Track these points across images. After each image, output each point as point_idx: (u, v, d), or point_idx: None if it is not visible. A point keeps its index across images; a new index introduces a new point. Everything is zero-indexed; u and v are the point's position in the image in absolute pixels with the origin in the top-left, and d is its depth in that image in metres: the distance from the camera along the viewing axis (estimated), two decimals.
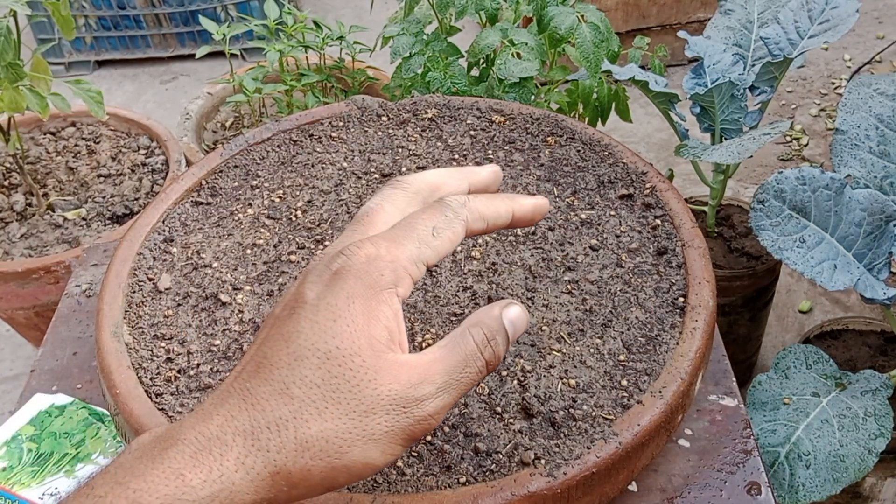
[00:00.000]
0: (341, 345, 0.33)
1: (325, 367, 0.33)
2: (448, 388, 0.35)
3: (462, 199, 0.39)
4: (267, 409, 0.33)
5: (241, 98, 1.39)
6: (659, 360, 0.52)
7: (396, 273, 0.35)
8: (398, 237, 0.36)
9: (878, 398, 0.96)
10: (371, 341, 0.34)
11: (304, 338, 0.34)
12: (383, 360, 0.34)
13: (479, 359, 0.36)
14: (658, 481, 0.54)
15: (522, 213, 0.42)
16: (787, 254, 0.95)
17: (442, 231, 0.37)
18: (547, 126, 0.72)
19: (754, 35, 1.15)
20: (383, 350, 0.34)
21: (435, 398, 0.35)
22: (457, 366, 0.36)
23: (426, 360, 0.35)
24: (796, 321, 1.60)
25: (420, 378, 0.34)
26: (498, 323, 0.38)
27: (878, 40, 2.29)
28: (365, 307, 0.34)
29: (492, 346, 0.37)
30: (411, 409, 0.34)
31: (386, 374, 0.34)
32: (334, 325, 0.34)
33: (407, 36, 1.08)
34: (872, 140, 1.01)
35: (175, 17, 2.33)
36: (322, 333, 0.34)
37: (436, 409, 0.35)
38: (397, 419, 0.34)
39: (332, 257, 0.36)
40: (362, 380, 0.33)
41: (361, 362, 0.33)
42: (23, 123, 1.54)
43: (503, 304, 0.39)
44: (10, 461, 0.62)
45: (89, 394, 0.67)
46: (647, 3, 2.09)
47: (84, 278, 0.77)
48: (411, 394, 0.34)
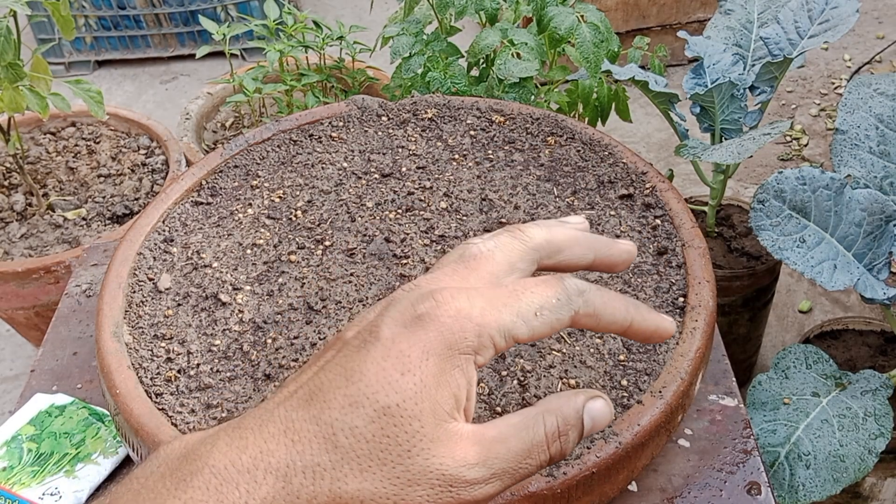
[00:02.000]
0: (403, 403, 0.30)
1: (380, 422, 0.30)
2: (502, 476, 0.32)
3: (583, 286, 0.35)
4: (307, 452, 0.30)
5: (241, 98, 1.39)
6: (659, 359, 0.52)
7: (482, 339, 0.32)
8: (498, 301, 0.33)
9: (878, 398, 0.96)
10: (435, 407, 0.31)
11: (366, 383, 0.31)
12: (442, 430, 0.31)
13: (543, 452, 0.33)
14: (658, 481, 0.54)
15: (641, 329, 0.37)
16: (787, 254, 0.95)
17: (547, 314, 0.33)
18: (547, 126, 0.72)
19: (754, 35, 1.15)
20: (445, 418, 0.31)
21: (486, 484, 0.32)
22: (519, 454, 0.32)
23: (489, 437, 0.32)
24: (796, 321, 1.60)
25: (476, 459, 0.31)
26: (576, 416, 0.34)
27: (878, 40, 2.29)
28: (439, 368, 0.31)
29: (561, 442, 0.34)
30: (458, 489, 0.31)
31: (442, 447, 0.31)
32: (401, 379, 0.31)
33: (407, 36, 1.08)
34: (872, 140, 1.01)
35: (175, 17, 2.33)
36: (386, 384, 0.31)
37: (483, 495, 0.32)
38: (440, 495, 0.31)
39: (421, 297, 0.33)
40: (415, 446, 0.30)
41: (419, 427, 0.31)
42: (23, 123, 1.54)
43: (589, 394, 0.35)
44: (10, 461, 0.62)
45: (89, 394, 0.67)
46: (647, 3, 2.09)
47: (84, 278, 0.77)
48: (463, 474, 0.31)
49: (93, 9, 2.29)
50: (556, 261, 0.37)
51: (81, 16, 2.30)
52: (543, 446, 0.33)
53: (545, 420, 0.33)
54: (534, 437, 0.33)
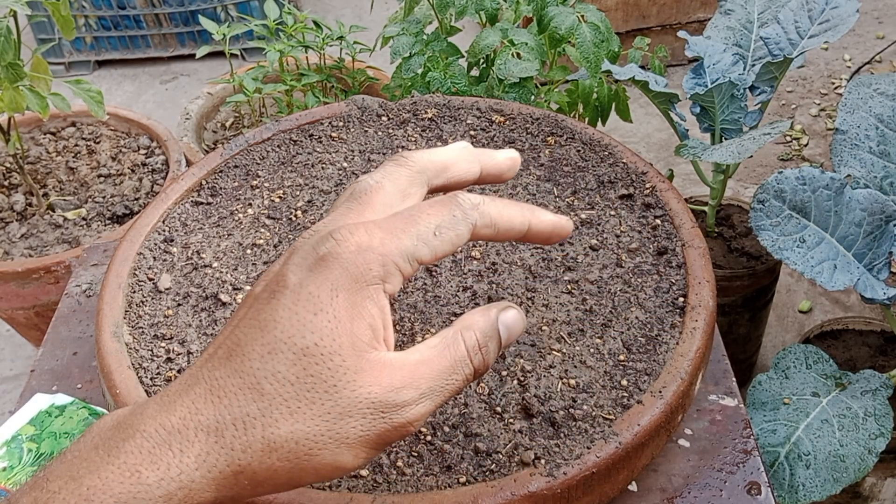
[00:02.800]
0: (320, 341, 0.31)
1: (301, 363, 0.31)
2: (431, 395, 0.33)
3: (476, 199, 0.36)
4: (234, 405, 0.31)
5: (241, 98, 1.39)
6: (659, 359, 0.52)
7: (386, 268, 0.33)
8: (396, 228, 0.33)
9: (878, 398, 0.96)
10: (353, 339, 0.32)
11: (281, 329, 0.31)
12: (364, 361, 0.32)
13: (467, 366, 0.34)
14: (658, 481, 0.54)
15: (539, 229, 0.38)
16: (787, 254, 0.95)
17: (445, 232, 0.34)
18: (547, 126, 0.72)
19: (754, 35, 1.15)
20: (365, 349, 0.32)
21: (416, 404, 0.33)
22: (444, 371, 0.34)
23: (412, 360, 0.33)
24: (796, 321, 1.60)
25: (403, 382, 0.32)
26: (492, 327, 0.36)
27: (878, 40, 2.29)
28: (349, 302, 0.32)
29: (482, 354, 0.35)
30: (390, 414, 0.32)
31: (366, 376, 0.32)
32: (314, 319, 0.31)
33: (407, 36, 1.08)
34: (872, 140, 1.01)
35: (175, 17, 2.33)
36: (301, 327, 0.31)
37: (416, 415, 0.33)
38: (374, 423, 0.32)
39: (321, 239, 0.33)
40: (340, 380, 0.31)
41: (341, 362, 0.31)
42: (23, 123, 1.54)
43: (500, 305, 0.37)
44: (10, 461, 0.62)
45: (89, 394, 0.67)
46: (647, 3, 2.09)
47: (84, 278, 0.77)
48: (392, 398, 0.32)
49: (93, 9, 2.29)
50: (445, 179, 0.38)
51: (81, 16, 2.30)
52: (466, 360, 0.34)
53: (464, 336, 0.35)
54: (455, 353, 0.34)
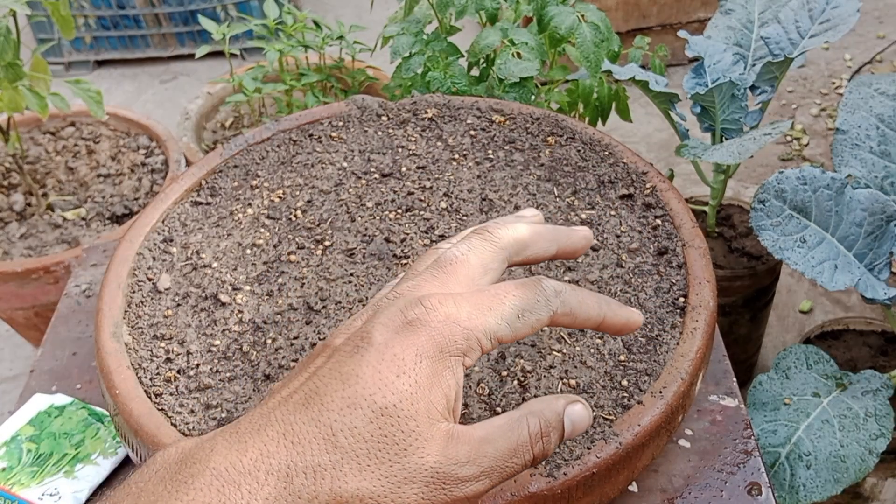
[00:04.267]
0: (399, 403, 0.32)
1: (378, 422, 0.32)
2: (490, 474, 0.34)
3: (560, 287, 0.37)
4: (307, 453, 0.31)
5: (240, 98, 1.39)
6: (659, 360, 0.52)
7: (469, 342, 0.34)
8: (483, 305, 0.35)
9: (878, 398, 0.96)
10: (429, 407, 0.33)
11: (363, 385, 0.32)
12: (436, 430, 0.33)
13: (528, 452, 0.35)
14: (658, 482, 0.54)
15: (612, 322, 0.39)
16: (787, 254, 0.95)
17: (528, 316, 0.35)
18: (547, 126, 0.72)
19: (755, 35, 1.15)
20: (438, 419, 0.33)
21: (476, 481, 0.33)
22: (506, 453, 0.34)
23: (477, 436, 0.34)
24: (797, 321, 1.60)
25: (467, 456, 0.33)
26: (557, 418, 0.36)
27: (878, 40, 2.29)
28: (431, 369, 0.33)
29: (543, 442, 0.35)
30: (451, 487, 0.33)
31: (435, 445, 0.32)
32: (397, 381, 0.32)
33: (407, 36, 1.08)
34: (873, 140, 1.01)
35: (175, 17, 2.33)
36: (382, 386, 0.32)
37: (473, 492, 0.33)
38: (434, 493, 0.32)
39: (409, 303, 0.34)
40: (411, 445, 0.32)
41: (415, 426, 0.32)
42: (22, 123, 1.53)
43: (569, 398, 0.37)
44: (10, 461, 0.62)
45: (89, 394, 0.67)
46: (648, 2, 2.09)
47: (84, 278, 0.77)
48: (454, 472, 0.33)
49: (92, 9, 2.29)
50: (524, 257, 0.40)
51: (81, 16, 2.30)
52: (527, 446, 0.35)
53: (529, 422, 0.35)
54: (518, 437, 0.35)
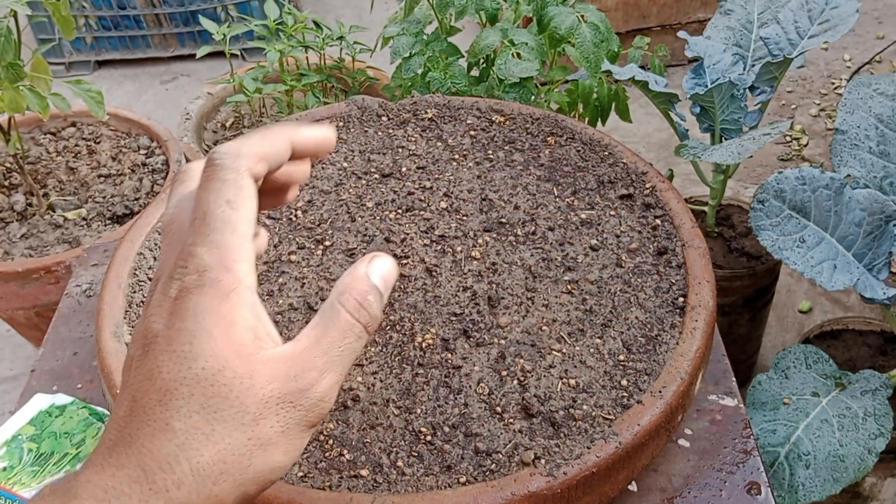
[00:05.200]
0: (206, 364, 0.32)
1: (198, 391, 0.32)
2: (332, 366, 0.34)
3: (231, 148, 0.35)
4: (153, 450, 0.31)
5: (241, 98, 1.39)
6: (659, 359, 0.52)
7: (230, 271, 0.33)
8: (205, 234, 0.34)
9: (877, 398, 0.96)
10: (236, 349, 0.32)
11: (167, 370, 0.32)
12: (255, 363, 0.33)
13: (355, 326, 0.35)
14: (658, 481, 0.54)
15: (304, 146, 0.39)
16: (786, 254, 0.95)
17: (234, 198, 0.34)
18: (547, 126, 0.72)
19: (754, 35, 1.15)
20: (251, 353, 0.33)
21: (321, 381, 0.34)
22: (334, 342, 0.34)
23: (301, 347, 0.34)
24: (796, 321, 1.60)
25: (299, 368, 0.33)
26: (367, 284, 0.36)
27: (877, 40, 2.29)
28: (217, 319, 0.33)
29: (366, 309, 0.35)
30: (300, 400, 0.33)
31: (262, 376, 0.32)
32: (192, 348, 0.32)
33: (407, 36, 1.08)
34: (872, 140, 1.01)
35: (175, 17, 2.33)
36: (183, 360, 0.32)
37: (325, 390, 0.34)
38: (289, 415, 0.33)
39: (165, 284, 0.34)
40: (240, 390, 0.32)
41: (233, 374, 0.32)
42: (23, 123, 1.54)
43: (367, 259, 0.37)
44: (11, 461, 0.62)
45: (89, 394, 0.67)
46: (647, 3, 2.09)
47: (84, 278, 0.77)
48: (295, 386, 0.33)
49: (93, 9, 2.29)
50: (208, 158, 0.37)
51: (82, 16, 2.30)
52: (351, 322, 0.35)
53: (342, 302, 0.35)
54: (339, 322, 0.35)
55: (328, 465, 0.48)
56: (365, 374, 0.53)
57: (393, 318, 0.57)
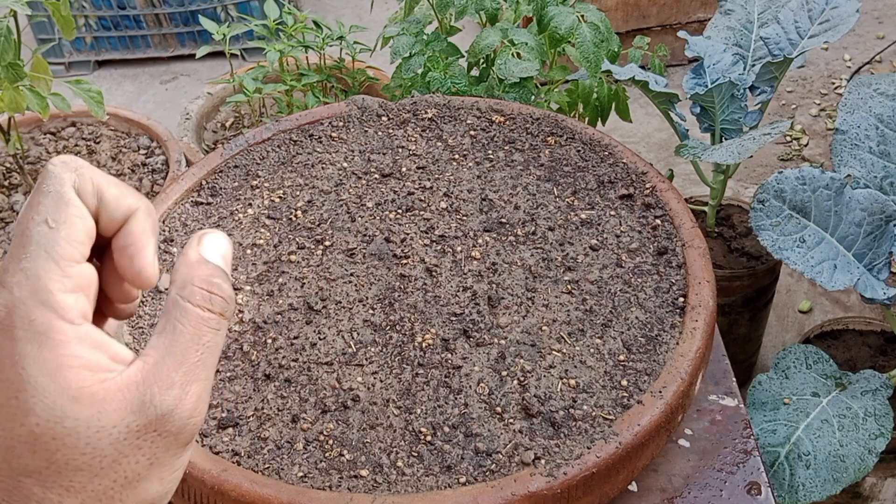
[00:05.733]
0: (40, 419, 0.27)
1: (41, 446, 0.27)
2: (193, 376, 0.29)
3: (66, 158, 0.30)
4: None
5: (241, 98, 1.39)
6: (659, 360, 0.52)
7: (46, 304, 0.28)
8: (18, 259, 0.28)
9: (878, 398, 0.96)
10: (71, 394, 0.27)
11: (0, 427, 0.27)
12: (99, 401, 0.28)
13: (209, 318, 0.30)
14: (658, 481, 0.54)
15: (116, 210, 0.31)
16: (787, 254, 0.95)
17: (55, 214, 0.29)
18: (547, 126, 0.72)
19: (754, 35, 1.15)
20: (93, 391, 0.28)
21: (184, 399, 0.29)
22: (189, 346, 0.30)
23: (151, 363, 0.29)
24: (796, 321, 1.60)
25: (155, 389, 0.29)
26: (208, 268, 0.31)
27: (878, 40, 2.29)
28: (40, 365, 0.27)
29: (217, 294, 0.31)
30: (164, 426, 0.29)
31: (111, 413, 0.28)
32: (20, 403, 0.27)
33: (407, 36, 1.08)
34: (872, 140, 1.01)
35: (175, 17, 2.33)
36: (13, 416, 0.27)
37: (191, 407, 0.29)
38: (155, 445, 0.29)
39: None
40: (88, 435, 0.28)
41: (74, 421, 0.27)
42: (23, 123, 1.54)
43: (194, 241, 0.32)
44: None
45: None
46: (647, 3, 2.09)
47: None
48: (154, 413, 0.28)
49: (93, 9, 2.29)
50: None
51: (81, 16, 2.30)
52: (204, 315, 0.30)
53: (186, 297, 0.30)
54: (189, 320, 0.30)
55: (328, 465, 0.48)
56: (365, 374, 0.53)
57: (393, 318, 0.57)
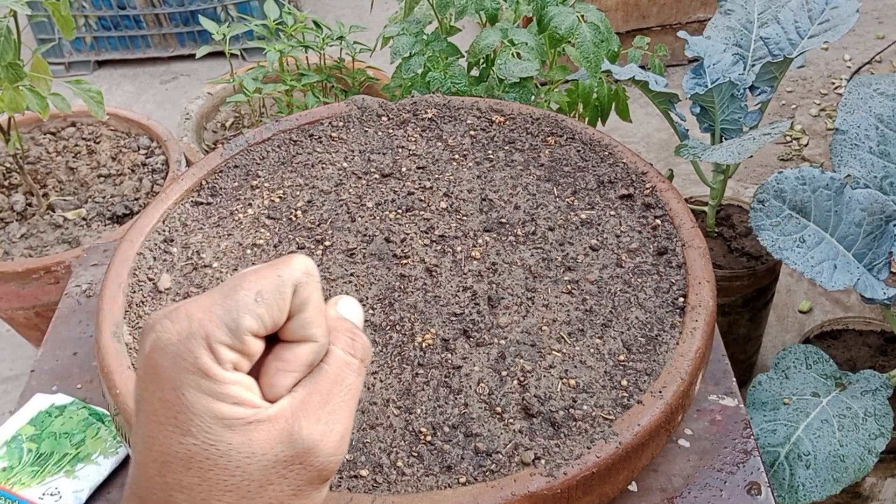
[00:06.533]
0: (196, 441, 0.29)
1: (195, 465, 0.29)
2: (338, 415, 0.31)
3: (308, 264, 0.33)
4: None
5: (241, 98, 1.39)
6: (659, 360, 0.52)
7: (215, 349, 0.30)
8: (220, 298, 0.31)
9: (878, 398, 0.96)
10: (225, 422, 0.29)
11: (159, 443, 0.30)
12: (250, 431, 0.30)
13: (352, 362, 0.33)
14: (658, 481, 0.54)
15: None
16: (787, 254, 0.95)
17: (264, 297, 0.31)
18: (547, 126, 0.72)
19: (754, 35, 1.15)
20: (245, 421, 0.30)
21: (328, 434, 0.31)
22: (333, 386, 0.32)
23: (298, 400, 0.31)
24: (796, 321, 1.60)
25: (300, 424, 0.30)
26: (348, 322, 0.34)
27: (878, 40, 2.29)
28: (199, 393, 0.29)
29: (359, 341, 0.33)
30: (308, 460, 0.30)
31: (261, 442, 0.30)
32: (179, 424, 0.30)
33: (407, 36, 1.08)
34: (872, 140, 1.01)
35: (175, 17, 2.33)
36: (172, 435, 0.29)
37: (336, 443, 0.31)
38: (299, 476, 0.30)
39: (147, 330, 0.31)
40: (238, 459, 0.29)
41: (227, 446, 0.29)
42: (23, 123, 1.54)
43: (332, 303, 0.35)
44: (11, 461, 0.62)
45: (89, 394, 0.67)
46: (647, 3, 2.09)
47: (84, 278, 0.77)
48: (300, 445, 0.30)
49: (93, 9, 2.29)
50: None
51: (81, 16, 2.30)
52: (348, 359, 0.33)
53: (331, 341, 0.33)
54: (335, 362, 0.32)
55: None
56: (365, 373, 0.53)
57: (393, 318, 0.57)
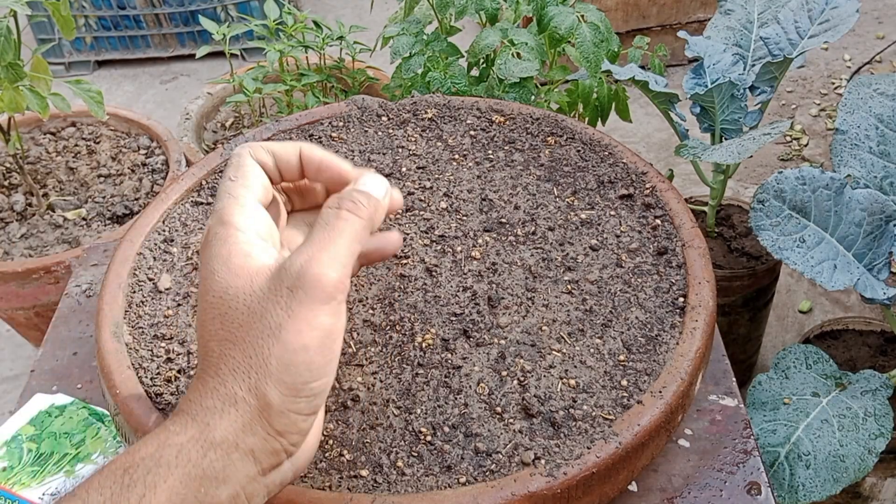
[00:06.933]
0: (214, 293, 0.39)
1: (217, 312, 0.39)
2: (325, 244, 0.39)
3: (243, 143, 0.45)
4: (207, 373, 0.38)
5: (241, 98, 1.39)
6: (659, 360, 0.52)
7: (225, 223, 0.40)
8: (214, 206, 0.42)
9: (878, 398, 0.96)
10: (234, 272, 0.39)
11: (200, 308, 0.40)
12: (252, 273, 0.39)
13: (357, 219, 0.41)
14: (658, 481, 0.54)
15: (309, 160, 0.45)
16: (787, 254, 0.95)
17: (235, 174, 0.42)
18: (547, 126, 0.72)
19: (754, 35, 1.15)
20: (249, 268, 0.39)
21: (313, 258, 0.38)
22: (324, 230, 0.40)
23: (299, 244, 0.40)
24: (796, 321, 1.60)
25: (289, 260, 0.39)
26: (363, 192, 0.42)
27: (878, 40, 2.29)
28: (219, 259, 0.39)
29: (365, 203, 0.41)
30: (294, 282, 0.38)
31: (259, 279, 0.39)
32: (206, 285, 0.39)
33: (407, 36, 1.08)
34: (872, 140, 1.01)
35: (175, 17, 2.33)
36: (203, 296, 0.39)
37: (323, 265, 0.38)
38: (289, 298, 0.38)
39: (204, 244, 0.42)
40: (244, 298, 0.38)
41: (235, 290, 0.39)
42: (23, 123, 1.54)
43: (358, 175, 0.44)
44: (10, 461, 0.62)
45: (89, 394, 0.67)
46: (647, 3, 2.09)
47: (84, 278, 0.77)
48: (285, 274, 0.38)
49: (93, 9, 2.29)
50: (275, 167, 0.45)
51: (81, 16, 2.30)
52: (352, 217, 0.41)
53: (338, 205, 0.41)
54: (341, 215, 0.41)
55: (328, 465, 0.48)
56: (365, 374, 0.53)
57: (393, 318, 0.57)
